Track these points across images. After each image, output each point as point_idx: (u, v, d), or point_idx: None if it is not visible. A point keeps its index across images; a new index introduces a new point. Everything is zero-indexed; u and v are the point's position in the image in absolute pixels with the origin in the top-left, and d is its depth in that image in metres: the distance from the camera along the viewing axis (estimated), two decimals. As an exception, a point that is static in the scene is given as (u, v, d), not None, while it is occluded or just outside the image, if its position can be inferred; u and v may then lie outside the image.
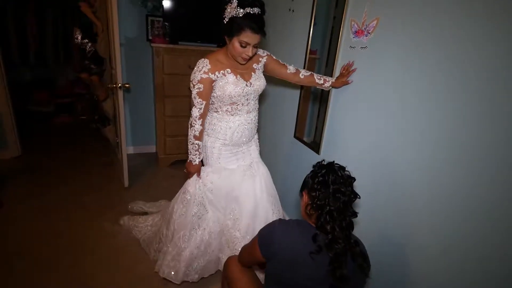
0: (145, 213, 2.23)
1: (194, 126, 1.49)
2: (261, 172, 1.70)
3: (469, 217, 0.99)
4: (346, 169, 1.03)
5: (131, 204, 2.32)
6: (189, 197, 1.58)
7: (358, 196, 0.99)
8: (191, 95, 1.47)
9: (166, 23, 2.74)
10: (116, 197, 2.48)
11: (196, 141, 1.52)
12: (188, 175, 1.61)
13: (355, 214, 0.99)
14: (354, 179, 1.01)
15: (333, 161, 1.04)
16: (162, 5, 2.68)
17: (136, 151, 3.40)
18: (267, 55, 1.59)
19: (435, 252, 1.12)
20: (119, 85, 2.27)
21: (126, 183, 2.61)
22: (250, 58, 1.42)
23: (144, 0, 2.78)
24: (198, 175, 1.60)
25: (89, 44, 2.91)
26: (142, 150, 3.43)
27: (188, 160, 1.57)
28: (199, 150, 1.55)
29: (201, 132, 1.52)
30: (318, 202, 0.97)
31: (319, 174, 1.00)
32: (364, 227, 1.45)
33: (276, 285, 1.06)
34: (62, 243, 1.91)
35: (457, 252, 1.04)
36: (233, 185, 1.61)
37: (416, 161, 1.17)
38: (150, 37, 2.93)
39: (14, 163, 2.95)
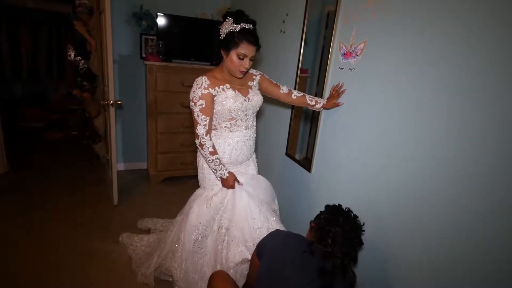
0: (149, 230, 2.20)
1: (205, 144, 1.46)
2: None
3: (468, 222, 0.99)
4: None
5: (139, 221, 2.29)
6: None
7: (363, 243, 1.08)
8: (192, 115, 1.45)
9: (160, 42, 2.78)
10: (105, 216, 2.42)
11: (214, 156, 1.48)
12: (231, 188, 1.56)
13: (356, 258, 1.07)
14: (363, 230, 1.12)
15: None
16: (157, 24, 2.73)
17: (127, 167, 3.36)
18: (260, 74, 1.64)
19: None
20: (111, 102, 2.27)
21: (116, 201, 2.55)
22: (246, 72, 1.46)
23: (138, 20, 2.83)
24: (238, 182, 1.56)
25: (82, 61, 2.91)
26: (133, 166, 3.38)
27: (219, 178, 1.54)
28: (222, 162, 1.50)
29: (214, 146, 1.49)
30: (322, 224, 1.08)
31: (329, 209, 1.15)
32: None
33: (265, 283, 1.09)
34: (48, 263, 1.83)
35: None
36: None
37: (406, 178, 1.18)
38: (144, 55, 2.97)
39: (0, 180, 2.86)
